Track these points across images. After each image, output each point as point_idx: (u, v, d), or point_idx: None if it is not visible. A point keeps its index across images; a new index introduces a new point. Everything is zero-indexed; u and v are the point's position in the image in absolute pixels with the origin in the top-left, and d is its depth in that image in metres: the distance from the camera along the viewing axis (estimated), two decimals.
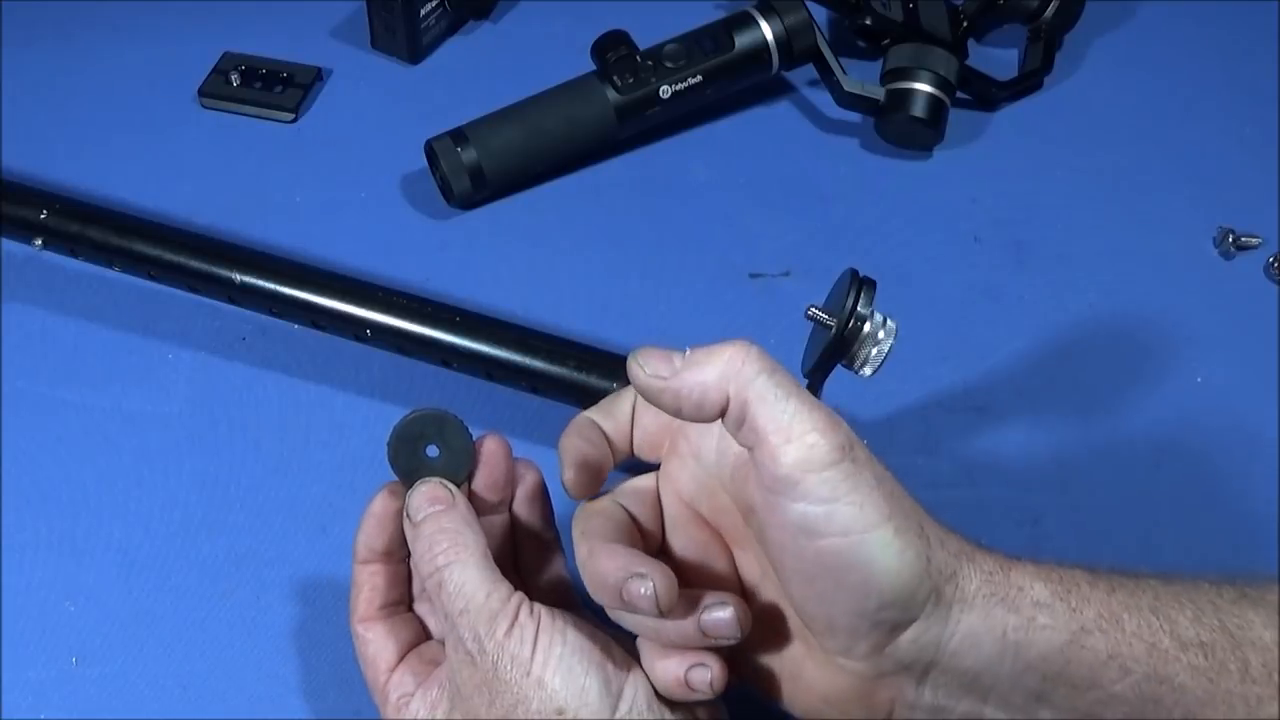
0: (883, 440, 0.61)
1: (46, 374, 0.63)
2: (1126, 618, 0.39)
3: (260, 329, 0.65)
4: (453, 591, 0.41)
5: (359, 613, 0.47)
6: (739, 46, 0.74)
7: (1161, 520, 0.58)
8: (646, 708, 0.41)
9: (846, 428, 0.39)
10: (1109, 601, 0.39)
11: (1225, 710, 0.38)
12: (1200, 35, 0.84)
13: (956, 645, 0.39)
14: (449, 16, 0.83)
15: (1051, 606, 0.39)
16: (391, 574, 0.47)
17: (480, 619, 0.41)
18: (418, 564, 0.43)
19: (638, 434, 0.47)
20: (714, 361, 0.39)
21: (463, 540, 0.43)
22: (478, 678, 0.41)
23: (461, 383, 0.60)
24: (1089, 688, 0.39)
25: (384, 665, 0.46)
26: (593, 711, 0.40)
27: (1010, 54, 0.83)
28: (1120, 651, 0.39)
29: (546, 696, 0.40)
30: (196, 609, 0.54)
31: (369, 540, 0.46)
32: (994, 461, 0.60)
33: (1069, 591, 0.39)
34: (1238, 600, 0.41)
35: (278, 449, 0.60)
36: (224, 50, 0.80)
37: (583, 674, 0.40)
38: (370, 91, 0.80)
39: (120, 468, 0.59)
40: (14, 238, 0.65)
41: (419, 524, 0.44)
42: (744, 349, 0.39)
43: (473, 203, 0.72)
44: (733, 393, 0.39)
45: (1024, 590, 0.39)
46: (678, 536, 0.45)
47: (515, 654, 0.40)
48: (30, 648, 0.53)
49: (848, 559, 0.37)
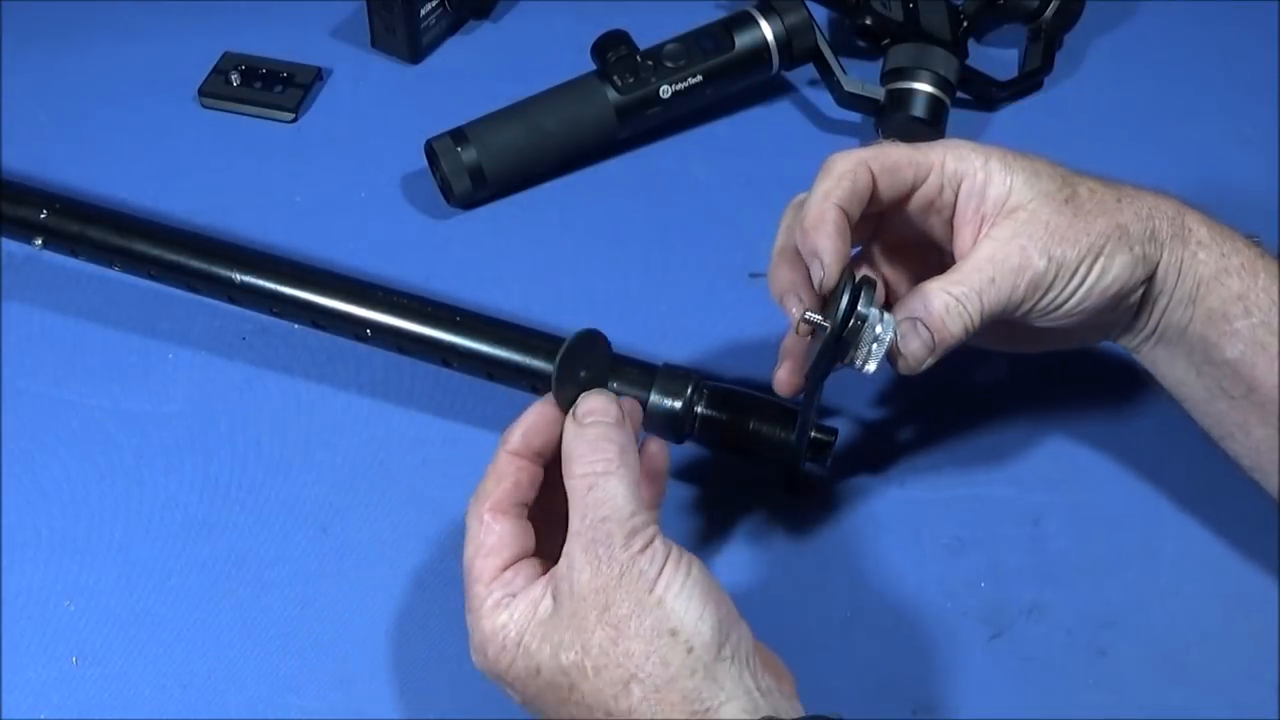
0: (883, 440, 0.61)
1: (46, 374, 0.63)
2: (1263, 276, 0.50)
3: (260, 329, 0.65)
4: (602, 498, 0.43)
5: (493, 499, 0.47)
6: (739, 46, 0.74)
7: (1161, 520, 0.58)
8: (747, 658, 0.42)
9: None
10: (1254, 261, 0.50)
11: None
12: (1200, 35, 0.84)
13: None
14: (449, 16, 0.83)
15: (1209, 246, 0.50)
16: (534, 475, 0.48)
17: (620, 530, 0.42)
18: (572, 463, 0.45)
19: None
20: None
21: (625, 458, 0.44)
22: (598, 582, 0.42)
23: (462, 382, 0.60)
24: (1219, 319, 0.50)
25: (500, 560, 0.46)
26: (703, 641, 0.41)
27: (1010, 54, 0.83)
28: (1248, 295, 0.50)
29: (664, 615, 0.41)
30: (196, 609, 0.54)
31: (529, 435, 0.47)
32: (994, 461, 0.60)
33: (1225, 240, 0.51)
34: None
35: (278, 449, 0.60)
36: (224, 50, 0.80)
37: (701, 605, 0.42)
38: (370, 91, 0.80)
39: (120, 468, 0.59)
40: (14, 238, 0.65)
41: (587, 427, 0.45)
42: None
43: (473, 203, 0.72)
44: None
45: (1192, 231, 0.51)
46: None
47: (644, 570, 0.42)
48: (30, 648, 0.53)
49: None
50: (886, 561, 0.57)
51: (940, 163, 0.50)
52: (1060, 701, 0.52)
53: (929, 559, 0.57)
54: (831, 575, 0.56)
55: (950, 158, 0.50)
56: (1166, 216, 0.51)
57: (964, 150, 0.51)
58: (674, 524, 0.57)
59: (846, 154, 0.50)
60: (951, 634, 0.54)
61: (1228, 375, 0.51)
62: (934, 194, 0.51)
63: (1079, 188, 0.50)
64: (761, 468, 0.58)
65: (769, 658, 0.45)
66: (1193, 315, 0.51)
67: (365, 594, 0.55)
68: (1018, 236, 0.49)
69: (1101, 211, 0.49)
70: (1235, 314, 0.50)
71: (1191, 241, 0.51)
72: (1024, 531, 0.58)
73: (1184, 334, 0.52)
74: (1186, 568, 0.57)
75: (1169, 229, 0.50)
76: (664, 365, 0.57)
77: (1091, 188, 0.50)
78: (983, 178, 0.50)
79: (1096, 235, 0.49)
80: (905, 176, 0.50)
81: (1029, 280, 0.49)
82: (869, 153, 0.50)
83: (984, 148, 0.51)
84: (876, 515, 0.58)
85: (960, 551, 0.57)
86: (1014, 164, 0.50)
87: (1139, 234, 0.49)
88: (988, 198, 0.50)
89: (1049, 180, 0.50)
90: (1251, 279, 0.50)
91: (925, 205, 0.51)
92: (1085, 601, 0.55)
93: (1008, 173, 0.50)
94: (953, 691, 0.52)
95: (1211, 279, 0.50)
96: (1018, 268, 0.48)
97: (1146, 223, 0.50)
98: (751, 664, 0.42)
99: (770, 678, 0.43)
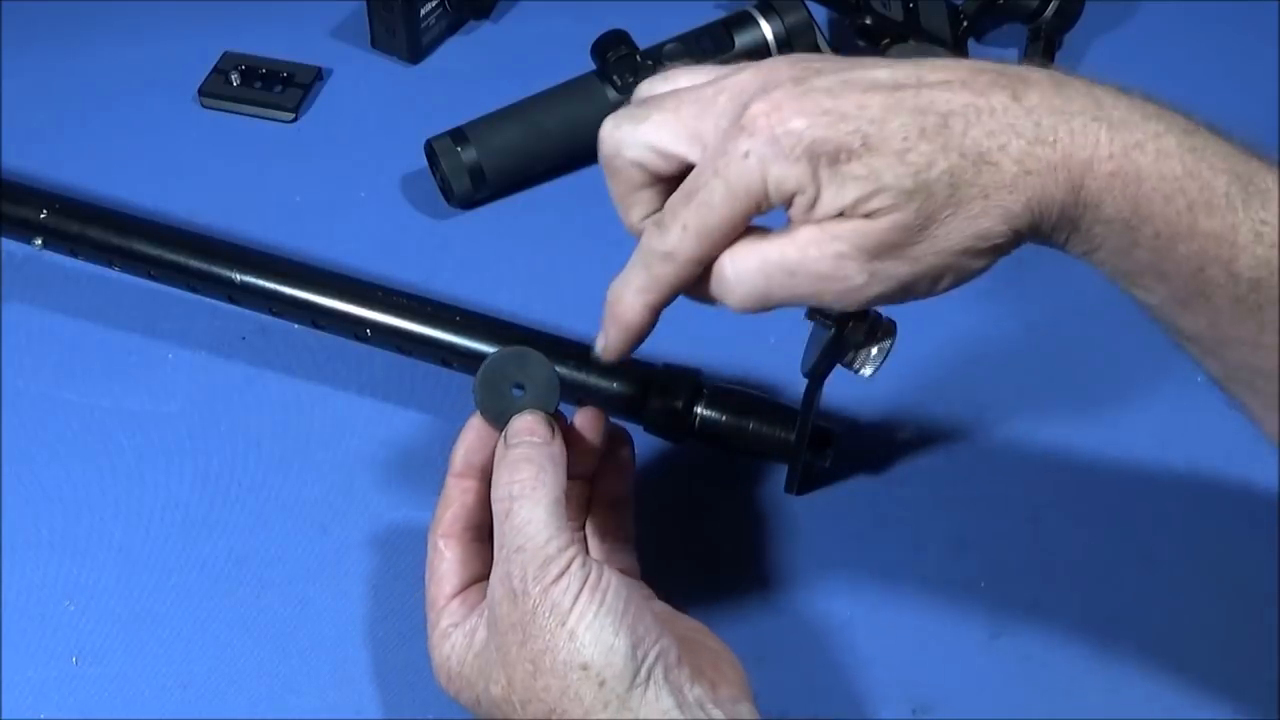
0: (883, 440, 0.61)
1: (46, 374, 0.63)
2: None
3: (260, 329, 0.65)
4: (517, 525, 0.42)
5: (442, 526, 0.47)
6: (739, 46, 0.74)
7: (1161, 520, 0.58)
8: (666, 675, 0.41)
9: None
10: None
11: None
12: (1200, 35, 0.84)
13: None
14: (449, 16, 0.83)
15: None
16: (482, 495, 0.47)
17: (533, 561, 0.41)
18: (494, 488, 0.44)
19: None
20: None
21: (543, 478, 0.43)
22: (515, 616, 0.41)
23: (462, 382, 0.60)
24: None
25: (449, 588, 0.46)
26: (614, 672, 0.40)
27: (1010, 54, 0.83)
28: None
29: (575, 649, 0.40)
30: (196, 609, 0.54)
31: (470, 453, 0.47)
32: (994, 461, 0.60)
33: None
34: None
35: (278, 449, 0.60)
36: (224, 50, 0.80)
37: (613, 635, 0.41)
38: (370, 91, 0.80)
39: (120, 468, 0.59)
40: (14, 238, 0.65)
41: (510, 449, 0.44)
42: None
43: (473, 203, 0.72)
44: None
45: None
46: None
47: (556, 603, 0.41)
48: (30, 648, 0.53)
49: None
50: (886, 561, 0.57)
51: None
52: (1060, 701, 0.52)
53: (929, 559, 0.57)
54: (831, 575, 0.56)
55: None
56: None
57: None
58: (674, 524, 0.57)
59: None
60: (951, 634, 0.54)
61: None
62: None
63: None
64: (762, 467, 0.58)
65: (711, 660, 0.44)
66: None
67: (365, 594, 0.55)
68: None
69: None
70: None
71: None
72: (1024, 531, 0.58)
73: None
74: (1186, 568, 0.56)
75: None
76: (664, 365, 0.57)
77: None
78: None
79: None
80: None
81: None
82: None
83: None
84: (876, 515, 0.58)
85: (960, 551, 0.57)
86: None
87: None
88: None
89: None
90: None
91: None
92: (1085, 601, 0.55)
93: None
94: (953, 691, 0.52)
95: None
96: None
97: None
98: (675, 679, 0.41)
99: (703, 686, 0.42)
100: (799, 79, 0.37)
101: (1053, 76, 0.38)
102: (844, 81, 0.37)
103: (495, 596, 0.43)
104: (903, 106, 0.36)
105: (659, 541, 0.52)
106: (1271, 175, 0.38)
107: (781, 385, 0.60)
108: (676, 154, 0.39)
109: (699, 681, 0.42)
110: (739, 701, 0.43)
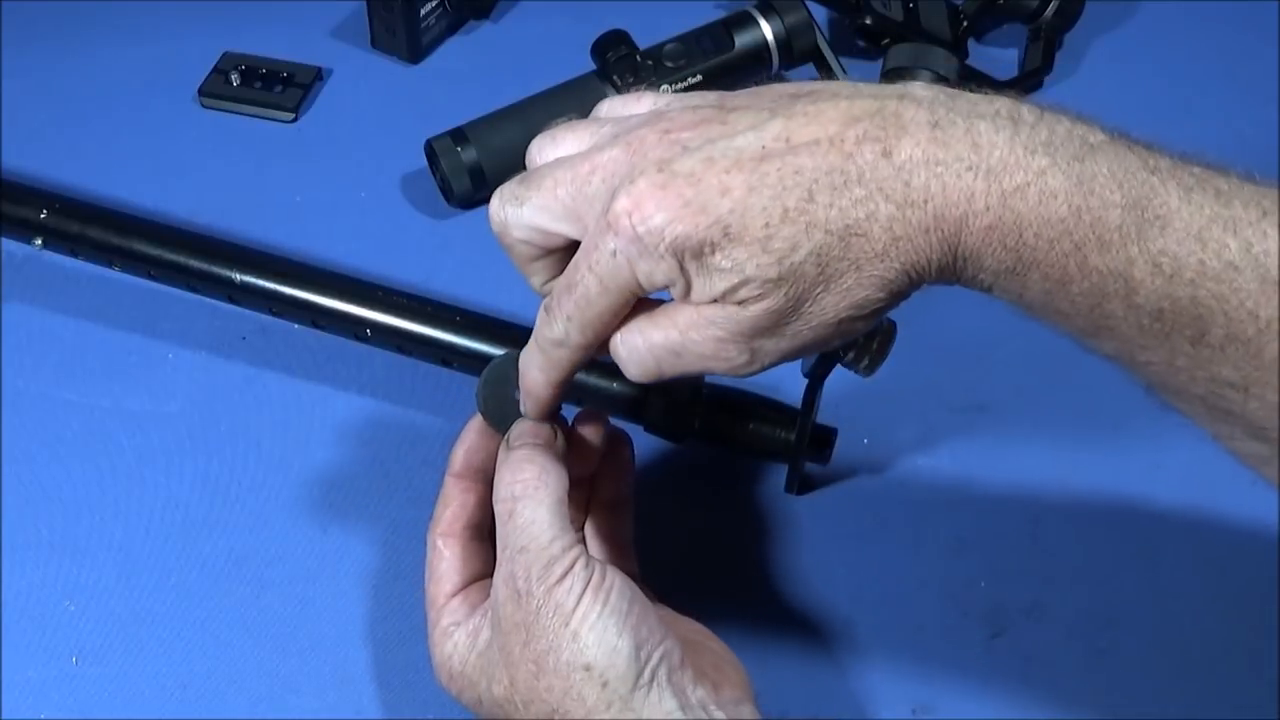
0: (883, 440, 0.61)
1: (46, 374, 0.63)
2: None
3: (260, 329, 0.65)
4: (520, 525, 0.42)
5: (442, 525, 0.47)
6: (739, 46, 0.74)
7: (1161, 520, 0.58)
8: (670, 677, 0.41)
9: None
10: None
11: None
12: (1200, 35, 0.84)
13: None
14: (449, 16, 0.83)
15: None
16: (482, 496, 0.47)
17: (537, 561, 0.42)
18: (496, 488, 0.44)
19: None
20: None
21: (545, 479, 0.43)
22: (519, 616, 0.41)
23: (462, 382, 0.60)
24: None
25: (449, 586, 0.46)
26: (618, 673, 0.40)
27: (1010, 54, 0.83)
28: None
29: (578, 650, 0.40)
30: (196, 609, 0.54)
31: (470, 453, 0.47)
32: (994, 461, 0.60)
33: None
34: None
35: (278, 449, 0.60)
36: (224, 50, 0.80)
37: (616, 636, 0.41)
38: (370, 91, 0.80)
39: (120, 468, 0.59)
40: (14, 238, 0.65)
41: (512, 450, 0.45)
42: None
43: (473, 203, 0.72)
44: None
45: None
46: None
47: (560, 603, 0.41)
48: (30, 648, 0.53)
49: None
50: (886, 561, 0.57)
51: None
52: (1060, 701, 0.52)
53: (929, 559, 0.57)
54: (832, 575, 0.56)
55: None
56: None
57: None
58: (675, 524, 0.57)
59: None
60: (951, 634, 0.54)
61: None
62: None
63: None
64: (762, 467, 0.58)
65: (714, 662, 0.45)
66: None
67: (365, 594, 0.55)
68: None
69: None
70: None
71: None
72: (1024, 531, 0.58)
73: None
74: (1186, 568, 0.57)
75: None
76: None
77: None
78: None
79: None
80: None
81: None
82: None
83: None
84: (876, 515, 0.58)
85: (960, 551, 0.57)
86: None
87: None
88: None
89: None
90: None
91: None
92: (1085, 601, 0.55)
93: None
94: (953, 691, 0.52)
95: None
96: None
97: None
98: (678, 681, 0.41)
99: (705, 688, 0.42)
100: (663, 163, 0.37)
101: (932, 114, 0.36)
102: (707, 160, 0.36)
103: (499, 597, 0.43)
104: (765, 184, 0.36)
105: (659, 542, 0.52)
106: (1172, 192, 0.37)
107: (781, 385, 0.60)
108: (558, 232, 0.41)
109: (702, 683, 0.42)
110: (741, 703, 0.43)
